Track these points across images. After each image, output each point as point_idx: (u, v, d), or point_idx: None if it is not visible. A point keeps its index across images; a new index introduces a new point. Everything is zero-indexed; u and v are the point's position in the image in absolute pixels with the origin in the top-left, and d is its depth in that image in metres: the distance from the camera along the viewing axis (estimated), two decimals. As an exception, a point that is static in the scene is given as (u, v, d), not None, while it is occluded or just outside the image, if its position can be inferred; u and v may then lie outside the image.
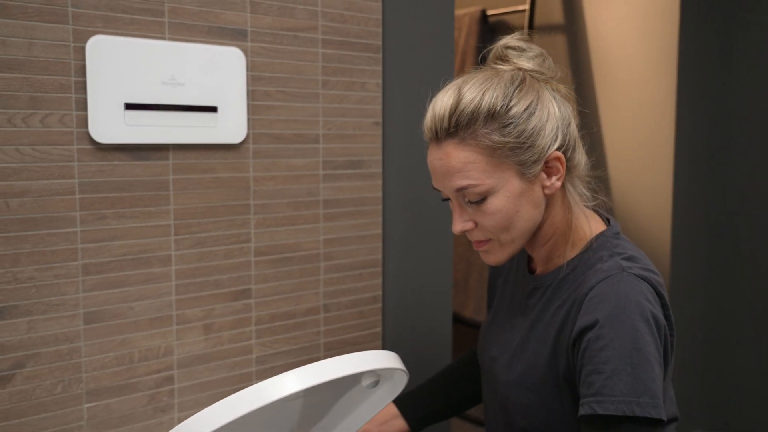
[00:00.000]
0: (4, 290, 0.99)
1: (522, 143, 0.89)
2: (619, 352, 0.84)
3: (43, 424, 1.04)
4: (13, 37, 0.98)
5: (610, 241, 0.96)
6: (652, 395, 0.84)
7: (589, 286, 0.90)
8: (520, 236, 0.94)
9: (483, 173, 0.89)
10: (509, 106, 0.90)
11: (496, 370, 1.03)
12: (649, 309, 0.87)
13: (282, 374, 0.76)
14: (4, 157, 0.98)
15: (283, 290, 1.27)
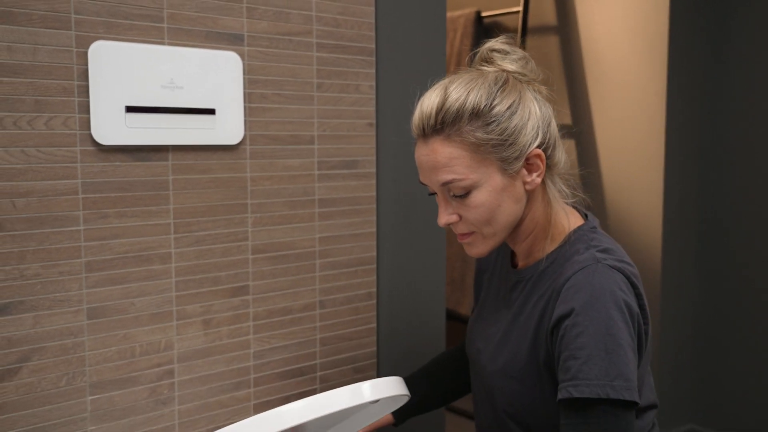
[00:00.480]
0: (11, 286, 1.03)
1: (504, 140, 0.94)
2: (593, 339, 0.89)
3: (48, 415, 1.08)
4: (18, 42, 1.01)
5: (586, 234, 1.00)
6: (625, 379, 0.88)
7: (566, 276, 0.95)
8: (502, 229, 0.98)
9: (467, 168, 0.94)
10: (492, 105, 0.94)
11: (482, 361, 1.07)
12: (623, 298, 0.92)
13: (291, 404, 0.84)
14: (10, 159, 1.02)
15: (279, 287, 1.31)
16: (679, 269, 2.41)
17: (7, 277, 1.03)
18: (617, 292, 0.91)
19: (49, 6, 1.03)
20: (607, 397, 0.87)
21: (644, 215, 2.36)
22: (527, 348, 0.99)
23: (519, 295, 1.04)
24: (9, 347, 1.04)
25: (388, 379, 0.99)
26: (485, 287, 1.17)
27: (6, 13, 1.00)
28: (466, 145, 0.94)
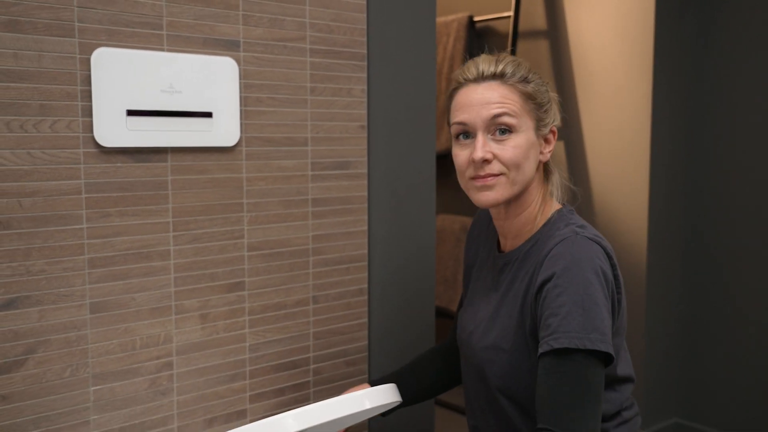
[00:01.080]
0: (18, 282, 1.08)
1: (543, 104, 1.11)
2: (572, 297, 0.98)
3: (53, 405, 1.13)
4: (24, 50, 1.06)
5: (566, 215, 1.13)
6: (600, 333, 0.97)
7: (548, 248, 1.05)
8: (523, 180, 1.09)
9: (517, 109, 1.08)
10: (534, 78, 1.12)
11: (474, 340, 1.15)
12: (599, 264, 1.01)
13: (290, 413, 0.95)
14: (17, 160, 1.07)
15: (274, 283, 1.36)
16: (664, 267, 2.46)
17: (14, 272, 1.08)
18: (594, 260, 1.01)
19: (53, 15, 1.08)
20: (583, 347, 0.96)
21: (630, 214, 2.41)
22: (516, 320, 1.08)
23: (507, 276, 1.13)
24: (15, 340, 1.09)
25: (384, 387, 1.07)
26: (473, 279, 1.25)
27: (12, 21, 1.05)
28: (519, 93, 1.09)
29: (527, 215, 1.14)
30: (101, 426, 1.18)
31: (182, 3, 1.21)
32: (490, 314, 1.14)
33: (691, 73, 2.44)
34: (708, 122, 2.41)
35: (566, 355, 0.96)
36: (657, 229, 2.41)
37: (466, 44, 2.66)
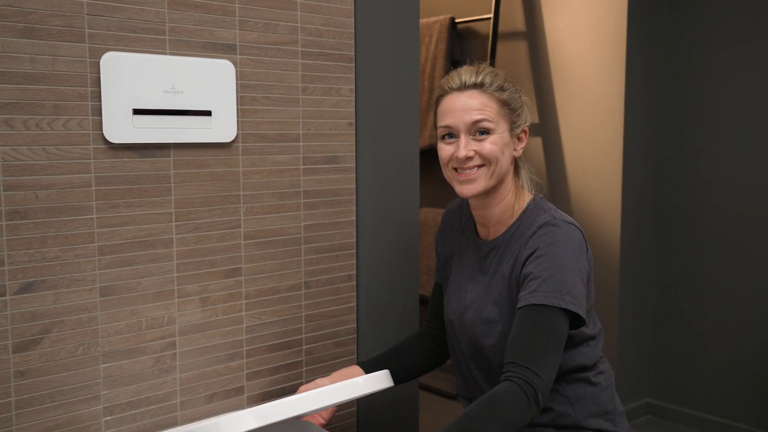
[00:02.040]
0: (34, 267, 1.18)
1: (516, 109, 1.30)
2: (552, 265, 1.17)
3: (67, 380, 1.23)
4: (39, 54, 1.16)
5: (540, 203, 1.31)
6: (573, 296, 1.14)
7: (532, 231, 1.21)
8: (499, 173, 1.27)
9: (494, 115, 1.27)
10: (508, 86, 1.30)
11: (467, 318, 1.29)
12: (578, 242, 1.19)
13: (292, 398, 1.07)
14: (33, 156, 1.17)
15: (269, 269, 1.46)
16: (637, 255, 2.59)
17: (31, 259, 1.18)
18: (574, 238, 1.19)
19: (65, 22, 1.18)
20: (557, 305, 1.12)
21: (605, 206, 2.53)
22: (505, 296, 1.23)
23: (493, 260, 1.29)
24: (32, 320, 1.19)
25: (379, 373, 1.20)
26: (456, 269, 1.38)
27: (29, 28, 1.15)
28: (496, 100, 1.27)
29: (505, 205, 1.29)
30: (110, 400, 1.28)
31: (183, 10, 1.30)
32: (482, 294, 1.29)
33: (662, 73, 2.56)
34: (677, 119, 2.54)
35: (542, 308, 1.14)
36: (630, 219, 2.53)
37: (448, 45, 2.77)
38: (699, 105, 2.46)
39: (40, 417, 1.20)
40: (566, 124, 2.58)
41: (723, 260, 2.43)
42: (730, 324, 2.44)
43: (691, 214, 2.51)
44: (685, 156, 2.50)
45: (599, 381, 1.29)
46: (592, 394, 1.27)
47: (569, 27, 2.55)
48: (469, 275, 1.34)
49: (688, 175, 2.50)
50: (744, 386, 2.41)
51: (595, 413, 1.27)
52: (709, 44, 2.41)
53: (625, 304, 2.55)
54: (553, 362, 1.13)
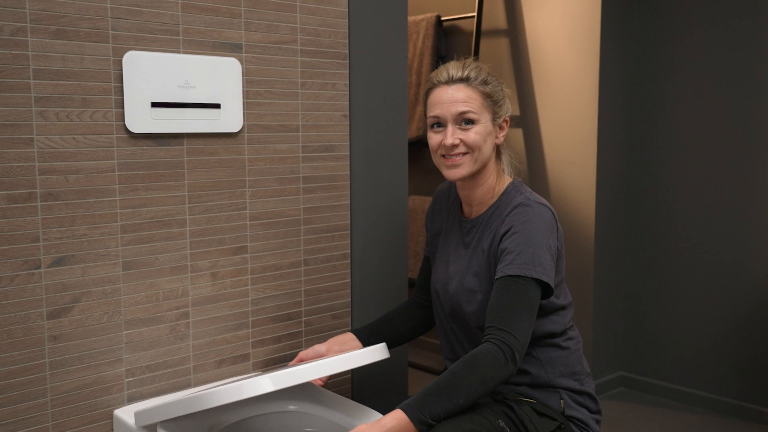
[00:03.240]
0: (65, 243, 1.32)
1: (498, 101, 1.42)
2: (525, 240, 1.30)
3: (93, 345, 1.37)
4: (69, 53, 1.30)
5: (518, 186, 1.45)
6: (544, 268, 1.30)
7: (508, 210, 1.36)
8: (481, 160, 1.40)
9: (478, 107, 1.39)
10: (492, 79, 1.42)
11: (451, 288, 1.44)
12: (549, 221, 1.33)
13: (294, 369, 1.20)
14: (64, 144, 1.31)
15: (271, 247, 1.61)
16: (610, 237, 2.75)
17: (62, 236, 1.32)
18: (545, 217, 1.33)
19: (92, 24, 1.32)
20: (530, 276, 1.28)
21: (581, 190, 2.69)
22: (484, 268, 1.38)
23: (474, 235, 1.43)
24: (63, 291, 1.33)
25: (378, 346, 1.34)
26: (442, 244, 1.53)
27: (61, 31, 1.29)
28: (480, 93, 1.39)
29: (487, 186, 1.44)
30: (131, 363, 1.42)
31: (195, 13, 1.45)
32: (464, 266, 1.44)
33: (633, 67, 2.73)
34: (648, 111, 2.70)
35: (516, 278, 1.27)
36: (604, 203, 2.69)
37: (434, 42, 2.92)
38: (668, 97, 2.62)
39: (70, 377, 1.35)
40: (545, 116, 2.74)
41: (692, 239, 2.60)
42: (698, 300, 2.60)
43: (661, 198, 2.67)
44: (655, 145, 2.67)
45: (568, 345, 1.44)
46: (562, 357, 1.43)
47: (547, 25, 2.71)
48: (454, 249, 1.49)
49: (658, 162, 2.67)
50: (711, 358, 2.58)
51: (564, 373, 1.43)
52: (678, 40, 2.58)
53: (600, 282, 2.71)
54: (527, 325, 1.26)
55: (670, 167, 2.64)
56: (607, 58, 2.61)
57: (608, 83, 2.63)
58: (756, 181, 2.43)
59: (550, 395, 1.41)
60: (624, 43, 2.67)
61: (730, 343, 2.54)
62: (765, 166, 2.41)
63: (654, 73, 2.66)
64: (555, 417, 1.38)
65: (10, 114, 1.24)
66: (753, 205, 2.44)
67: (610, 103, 2.65)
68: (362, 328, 1.58)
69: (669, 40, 2.61)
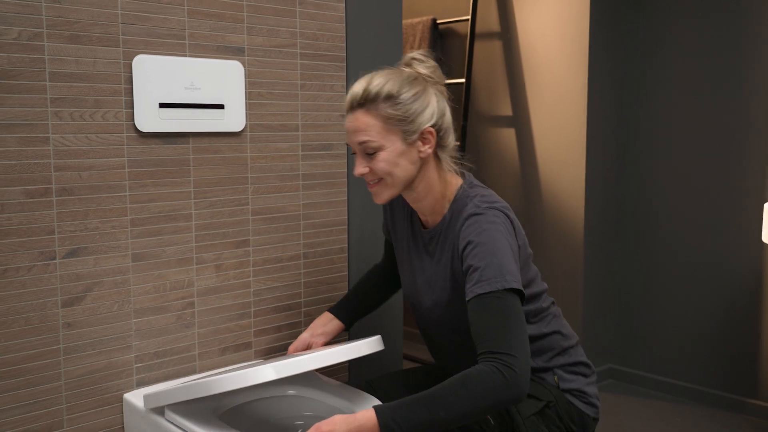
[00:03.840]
0: (79, 236, 1.41)
1: (406, 118, 1.29)
2: (486, 253, 1.23)
3: (105, 332, 1.45)
4: (83, 57, 1.38)
5: (467, 191, 1.36)
6: (512, 275, 1.22)
7: (461, 223, 1.32)
8: (399, 182, 1.32)
9: (378, 134, 1.29)
10: (401, 92, 1.29)
11: (420, 299, 1.45)
12: (501, 223, 1.29)
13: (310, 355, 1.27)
14: (78, 142, 1.39)
15: (272, 241, 1.69)
16: (599, 234, 2.83)
17: (76, 229, 1.40)
18: (497, 222, 1.29)
19: (103, 30, 1.40)
20: (502, 288, 1.20)
21: (571, 187, 2.77)
22: (450, 282, 1.37)
23: (435, 248, 1.40)
24: (77, 280, 1.41)
25: (375, 338, 1.41)
26: (405, 252, 1.49)
27: (74, 35, 1.37)
28: (380, 117, 1.28)
29: (432, 197, 1.37)
30: (141, 350, 1.51)
31: (200, 18, 1.53)
32: (428, 280, 1.41)
33: (621, 70, 2.81)
34: (635, 111, 2.78)
35: (489, 297, 1.20)
36: (593, 201, 2.78)
37: (430, 43, 3.00)
38: (655, 98, 2.70)
39: (82, 362, 1.43)
40: (536, 116, 2.82)
41: (678, 238, 2.68)
42: (684, 296, 2.69)
43: (649, 197, 2.75)
44: (643, 145, 2.75)
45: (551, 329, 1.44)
46: (549, 343, 1.45)
47: (538, 28, 2.79)
48: (417, 260, 1.44)
49: (645, 162, 2.75)
50: (697, 352, 2.66)
51: (554, 354, 1.45)
52: (665, 43, 2.66)
53: (589, 278, 2.79)
54: (522, 338, 1.18)
55: (658, 167, 2.73)
56: (596, 60, 2.69)
57: (597, 85, 2.71)
58: (741, 182, 2.52)
59: (545, 375, 1.44)
60: (612, 46, 2.76)
61: (714, 337, 2.62)
62: (749, 166, 2.49)
63: (641, 75, 2.74)
64: (541, 396, 1.39)
65: (27, 114, 1.32)
66: (736, 206, 2.53)
67: (598, 104, 2.73)
68: (338, 306, 1.61)
69: (656, 43, 2.69)
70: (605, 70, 2.74)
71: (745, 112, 2.48)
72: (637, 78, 2.76)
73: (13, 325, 1.33)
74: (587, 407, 1.46)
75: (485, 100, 2.99)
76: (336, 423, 1.15)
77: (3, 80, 1.29)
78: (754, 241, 2.49)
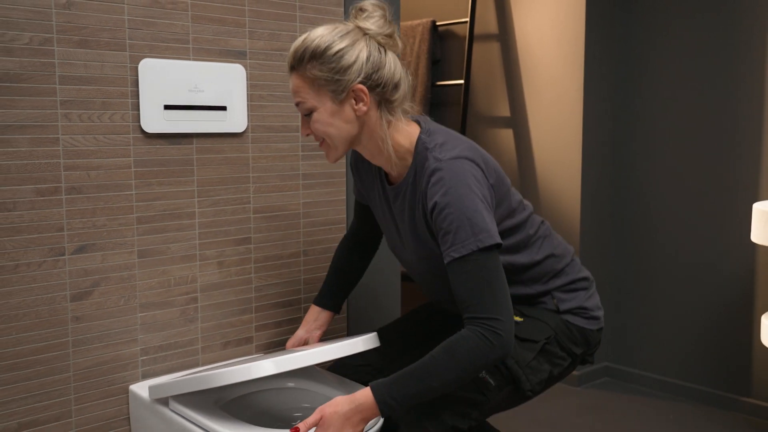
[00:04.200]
0: (87, 233, 1.46)
1: (332, 77, 1.26)
2: (455, 214, 1.21)
3: (112, 325, 1.51)
4: (91, 61, 1.44)
5: (425, 142, 1.31)
6: (486, 231, 1.21)
7: (426, 182, 1.28)
8: (339, 142, 1.31)
9: (308, 95, 1.28)
10: (326, 50, 1.26)
11: (402, 251, 1.45)
12: (469, 173, 1.24)
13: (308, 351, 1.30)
14: (86, 143, 1.45)
15: (273, 239, 1.75)
16: (595, 231, 2.88)
17: (84, 226, 1.46)
18: (464, 174, 1.24)
19: (111, 35, 1.46)
20: (477, 248, 1.20)
21: (567, 187, 2.82)
22: (422, 235, 1.34)
23: (403, 203, 1.37)
24: (85, 276, 1.47)
25: (371, 335, 1.44)
26: (380, 207, 1.46)
27: (83, 40, 1.42)
28: (307, 79, 1.28)
29: (387, 153, 1.33)
30: (146, 343, 1.56)
31: (203, 23, 1.58)
32: (406, 234, 1.39)
33: (616, 71, 2.85)
34: (630, 111, 2.83)
35: (466, 260, 1.20)
36: (588, 200, 2.82)
37: (430, 45, 3.05)
38: (650, 99, 2.75)
39: (90, 354, 1.48)
40: (533, 117, 2.87)
41: (673, 239, 2.73)
42: (678, 296, 2.73)
43: (644, 197, 2.80)
44: (638, 145, 2.80)
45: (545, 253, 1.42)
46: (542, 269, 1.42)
47: (536, 30, 2.84)
48: (390, 217, 1.43)
49: (640, 161, 2.79)
50: (690, 350, 2.71)
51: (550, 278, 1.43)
52: (659, 45, 2.70)
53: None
54: (503, 297, 1.21)
55: (653, 168, 2.77)
56: (592, 62, 2.74)
57: (592, 86, 2.76)
58: (734, 183, 2.56)
59: (544, 300, 1.43)
60: (608, 47, 2.80)
61: (708, 336, 2.67)
62: (743, 167, 2.54)
63: (636, 76, 2.79)
64: (537, 336, 1.37)
65: (38, 116, 1.38)
66: (730, 206, 2.57)
67: (594, 105, 2.78)
68: (321, 296, 1.61)
69: (651, 45, 2.74)
70: (601, 72, 2.79)
71: (739, 113, 2.53)
72: (633, 79, 2.80)
73: (24, 318, 1.39)
74: (589, 322, 1.44)
75: (483, 101, 3.05)
76: (338, 404, 1.21)
77: (15, 83, 1.35)
78: (747, 241, 2.54)
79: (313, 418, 1.21)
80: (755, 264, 2.52)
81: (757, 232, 1.98)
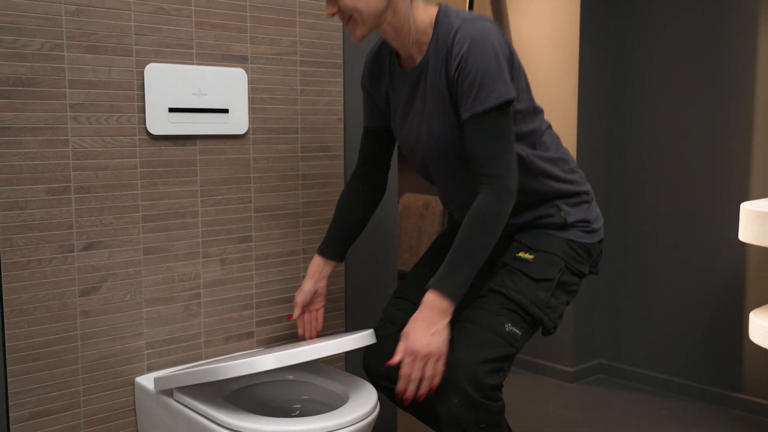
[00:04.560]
0: (95, 231, 1.52)
1: None
2: (481, 68, 1.28)
3: (118, 320, 1.57)
4: (99, 66, 1.50)
5: (447, 11, 1.38)
6: (505, 84, 1.29)
7: (449, 40, 1.33)
8: (368, 17, 1.35)
9: None
10: None
11: (422, 140, 1.43)
12: (493, 32, 1.31)
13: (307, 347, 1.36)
14: (94, 144, 1.51)
15: (274, 237, 1.80)
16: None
17: (92, 224, 1.52)
18: (489, 32, 1.31)
19: (118, 41, 1.52)
20: (498, 103, 1.28)
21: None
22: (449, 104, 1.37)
23: (424, 80, 1.39)
24: (93, 272, 1.53)
25: (368, 332, 1.47)
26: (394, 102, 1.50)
27: (92, 46, 1.48)
28: None
29: (407, 30, 1.38)
30: (151, 337, 1.62)
31: (206, 29, 1.64)
32: (426, 115, 1.40)
33: (611, 73, 2.91)
34: (625, 113, 2.88)
35: (485, 117, 1.29)
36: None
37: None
38: (643, 101, 2.80)
39: (97, 348, 1.54)
40: (530, 119, 2.93)
41: (667, 234, 2.78)
42: (672, 293, 2.78)
43: (638, 190, 2.85)
44: (632, 145, 2.85)
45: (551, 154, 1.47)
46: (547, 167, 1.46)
47: (531, 32, 2.90)
48: (408, 103, 1.45)
49: (634, 161, 2.85)
50: (684, 347, 2.76)
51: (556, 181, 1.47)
52: (654, 46, 2.76)
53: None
54: (510, 155, 1.31)
55: (647, 167, 2.83)
56: (586, 65, 2.80)
57: (587, 89, 2.81)
58: (724, 182, 2.62)
59: (550, 210, 1.48)
60: (602, 50, 2.86)
61: (701, 333, 2.72)
62: (733, 167, 2.59)
63: (630, 78, 2.85)
64: (551, 274, 1.42)
65: (49, 118, 1.44)
66: (720, 206, 2.63)
67: (588, 107, 2.83)
68: (326, 244, 1.62)
69: (644, 47, 2.79)
70: (595, 74, 2.84)
71: (729, 114, 2.59)
72: (626, 81, 2.86)
73: (34, 312, 1.45)
74: (590, 236, 1.50)
75: (480, 103, 3.09)
76: (413, 319, 1.32)
77: (27, 87, 1.41)
78: (737, 240, 2.59)
79: (402, 343, 1.32)
80: (745, 262, 2.58)
81: (744, 231, 2.03)
